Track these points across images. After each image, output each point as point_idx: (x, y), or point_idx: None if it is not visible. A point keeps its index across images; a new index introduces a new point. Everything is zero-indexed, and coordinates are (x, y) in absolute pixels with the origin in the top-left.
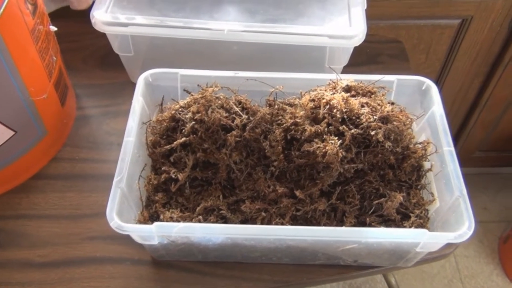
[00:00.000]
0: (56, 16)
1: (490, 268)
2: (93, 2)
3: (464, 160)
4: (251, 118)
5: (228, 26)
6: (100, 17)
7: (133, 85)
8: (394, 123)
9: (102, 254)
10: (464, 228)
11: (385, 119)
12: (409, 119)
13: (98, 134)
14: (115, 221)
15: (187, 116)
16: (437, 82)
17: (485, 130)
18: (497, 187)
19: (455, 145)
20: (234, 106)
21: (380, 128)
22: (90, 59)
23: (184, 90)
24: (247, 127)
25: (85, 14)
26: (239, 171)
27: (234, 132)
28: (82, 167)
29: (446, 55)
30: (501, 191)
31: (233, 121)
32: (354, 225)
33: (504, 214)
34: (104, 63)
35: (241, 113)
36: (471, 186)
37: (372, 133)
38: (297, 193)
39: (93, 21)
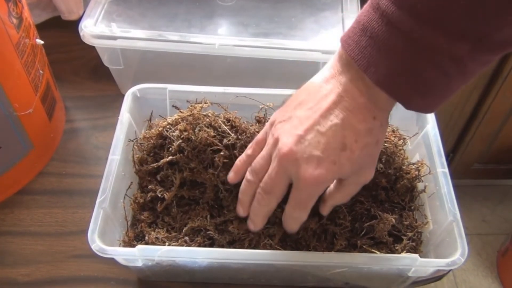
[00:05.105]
0: (47, 26)
1: (488, 281)
2: (84, 13)
3: (463, 172)
4: (240, 137)
5: (219, 40)
6: (89, 30)
7: (123, 97)
8: (386, 144)
9: (87, 273)
10: (457, 254)
11: None
12: (401, 140)
13: (86, 148)
14: (97, 244)
15: (174, 134)
16: None
17: (483, 142)
18: (496, 199)
19: (454, 157)
20: (223, 125)
21: None
22: (81, 70)
23: (173, 106)
24: (236, 146)
25: (77, 24)
26: (227, 191)
27: (221, 153)
28: (69, 182)
29: None
30: (501, 203)
31: (221, 141)
32: (345, 248)
33: (503, 226)
34: (95, 75)
35: (229, 132)
36: (470, 198)
37: None
38: None
39: (81, 33)
